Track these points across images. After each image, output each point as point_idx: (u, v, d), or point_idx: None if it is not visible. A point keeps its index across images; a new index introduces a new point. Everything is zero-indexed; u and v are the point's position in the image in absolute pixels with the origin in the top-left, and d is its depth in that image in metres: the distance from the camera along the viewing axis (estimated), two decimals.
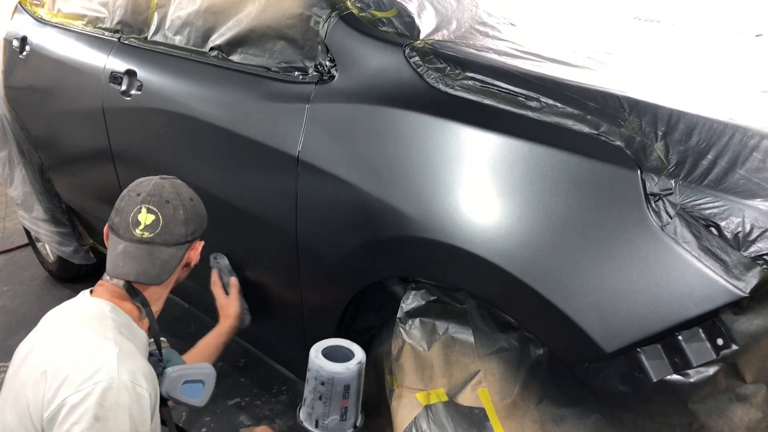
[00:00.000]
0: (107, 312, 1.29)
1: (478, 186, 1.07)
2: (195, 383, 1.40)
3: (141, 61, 1.92)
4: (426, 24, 1.33)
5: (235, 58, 1.61)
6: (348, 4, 1.36)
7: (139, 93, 1.88)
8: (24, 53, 2.59)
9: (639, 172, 0.92)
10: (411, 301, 1.26)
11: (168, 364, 1.42)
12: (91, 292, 1.37)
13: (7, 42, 2.76)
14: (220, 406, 2.19)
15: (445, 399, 1.24)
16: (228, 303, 1.68)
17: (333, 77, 1.35)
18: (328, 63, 1.36)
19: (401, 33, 1.31)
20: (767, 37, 1.59)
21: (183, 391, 1.38)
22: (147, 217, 1.31)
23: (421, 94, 1.18)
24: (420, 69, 1.19)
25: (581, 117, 1.00)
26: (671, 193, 0.89)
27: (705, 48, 1.51)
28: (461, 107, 1.12)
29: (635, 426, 0.96)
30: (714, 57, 1.43)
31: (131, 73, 1.93)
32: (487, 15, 1.46)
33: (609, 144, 0.96)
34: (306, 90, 1.38)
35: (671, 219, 0.88)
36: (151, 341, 1.40)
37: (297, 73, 1.43)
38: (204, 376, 1.41)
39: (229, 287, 1.69)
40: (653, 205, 0.90)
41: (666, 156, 0.91)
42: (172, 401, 1.38)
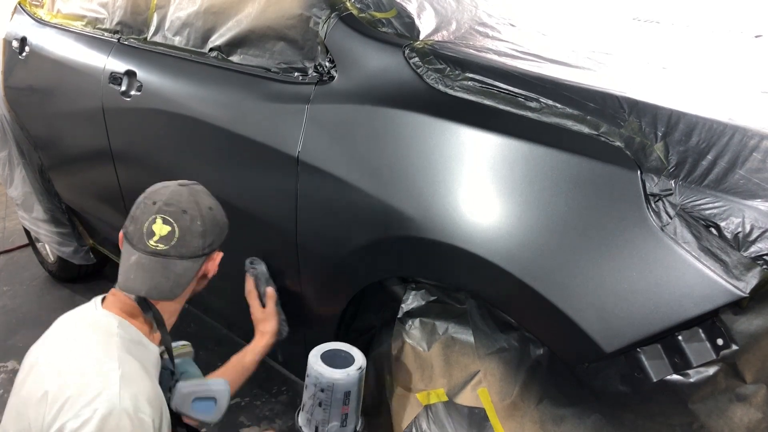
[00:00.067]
0: (114, 329, 1.24)
1: (478, 186, 1.07)
2: (206, 400, 1.34)
3: (141, 62, 1.92)
4: (426, 25, 1.34)
5: (235, 58, 1.61)
6: (348, 4, 1.36)
7: (139, 93, 1.88)
8: (24, 54, 2.59)
9: (639, 172, 0.92)
10: (411, 301, 1.26)
11: (183, 376, 1.37)
12: (104, 299, 1.31)
13: (7, 43, 2.76)
14: None
15: (445, 399, 1.25)
16: (265, 318, 1.54)
17: (333, 78, 1.35)
18: (327, 64, 1.36)
19: (401, 34, 1.31)
20: (767, 38, 1.59)
21: (193, 408, 1.34)
22: (162, 228, 1.24)
23: (421, 94, 1.18)
24: (420, 70, 1.19)
25: (581, 117, 1.00)
26: (671, 194, 0.89)
27: (705, 48, 1.51)
28: (461, 108, 1.13)
29: (635, 426, 0.97)
30: (714, 57, 1.43)
31: (131, 74, 1.93)
32: (487, 16, 1.46)
33: (609, 144, 0.96)
34: (306, 90, 1.38)
35: (671, 219, 0.88)
36: (162, 349, 1.34)
37: (297, 74, 1.43)
38: (216, 393, 1.36)
39: (266, 298, 1.54)
40: (653, 206, 0.90)
41: (666, 156, 0.92)
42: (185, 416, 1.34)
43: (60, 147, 2.50)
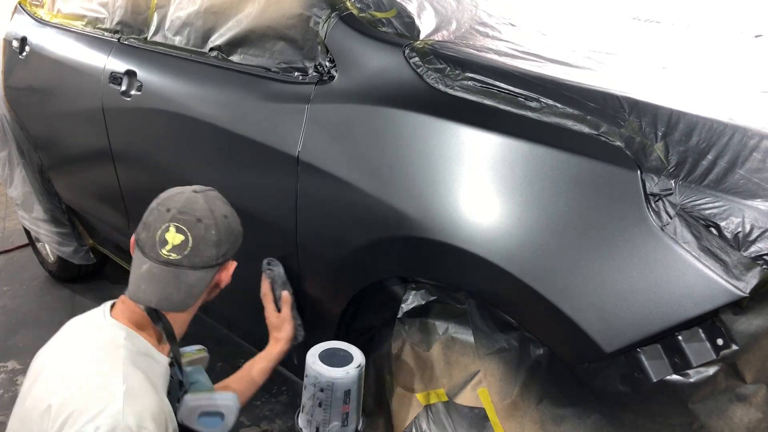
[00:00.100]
0: (121, 340, 1.21)
1: (478, 186, 1.07)
2: (213, 416, 1.31)
3: (141, 62, 1.92)
4: (426, 24, 1.34)
5: (235, 58, 1.61)
6: (348, 4, 1.36)
7: (139, 93, 1.88)
8: (24, 54, 2.59)
9: (639, 172, 0.92)
10: (411, 301, 1.26)
11: (192, 387, 1.34)
12: (113, 305, 1.28)
13: (7, 42, 2.76)
14: None
15: (445, 399, 1.25)
16: (280, 323, 1.49)
17: (333, 78, 1.35)
18: (327, 63, 1.36)
19: (401, 33, 1.31)
20: (767, 38, 1.59)
21: (199, 422, 1.31)
22: (176, 237, 1.19)
23: (421, 94, 1.18)
24: (420, 69, 1.19)
25: (581, 117, 1.00)
26: (671, 194, 0.89)
27: (705, 48, 1.51)
28: (461, 107, 1.12)
29: (635, 426, 0.97)
30: (714, 57, 1.43)
31: (131, 74, 1.93)
32: (487, 15, 1.46)
33: (609, 144, 0.96)
34: (306, 90, 1.38)
35: (671, 219, 0.88)
36: (172, 359, 1.32)
37: (297, 74, 1.43)
38: (224, 408, 1.33)
39: (281, 302, 1.50)
40: (653, 206, 0.90)
41: (666, 156, 0.92)
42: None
43: (60, 147, 2.50)
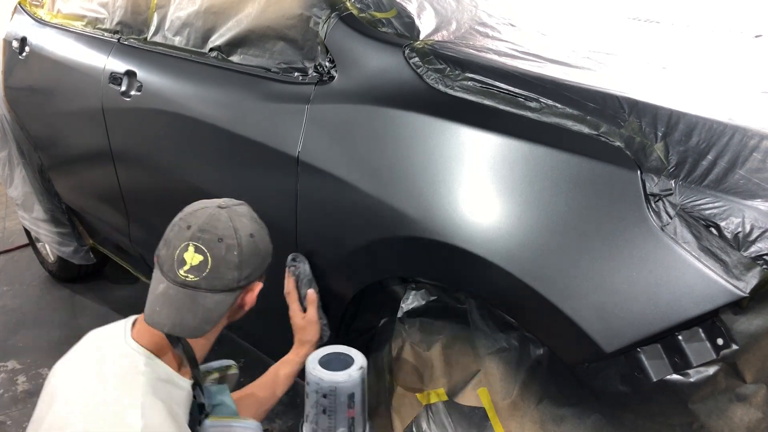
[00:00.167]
0: (141, 366, 1.14)
1: (478, 186, 1.07)
2: None
3: (141, 62, 1.92)
4: (426, 24, 1.34)
5: (235, 58, 1.61)
6: (348, 4, 1.36)
7: (139, 94, 1.88)
8: (24, 54, 2.59)
9: (639, 172, 0.92)
10: (411, 301, 1.26)
11: (214, 410, 1.29)
12: (135, 323, 1.22)
13: (7, 43, 2.76)
14: None
15: (445, 399, 1.25)
16: (305, 325, 1.40)
17: (333, 78, 1.35)
18: (327, 64, 1.36)
19: (401, 34, 1.31)
20: (767, 38, 1.59)
21: None
22: (194, 257, 1.11)
23: (421, 94, 1.18)
24: (420, 69, 1.19)
25: (581, 117, 1.00)
26: (671, 194, 0.89)
27: (705, 48, 1.51)
28: (461, 108, 1.13)
29: (635, 426, 0.97)
30: (714, 57, 1.43)
31: (131, 74, 1.93)
32: (487, 15, 1.46)
33: (609, 144, 0.96)
34: (306, 91, 1.38)
35: (671, 219, 0.88)
36: (194, 382, 1.26)
37: (297, 74, 1.43)
38: None
39: (306, 302, 1.40)
40: (653, 206, 0.90)
41: (666, 156, 0.92)
42: None
43: (60, 147, 2.50)
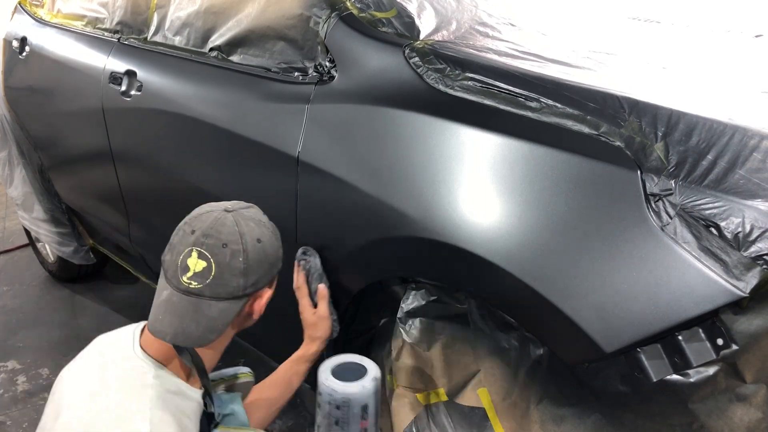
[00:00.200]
0: (149, 379, 1.11)
1: (478, 186, 1.07)
2: None
3: (141, 62, 1.92)
4: (426, 24, 1.34)
5: (235, 58, 1.61)
6: (348, 4, 1.36)
7: (139, 93, 1.88)
8: (24, 54, 2.59)
9: (639, 172, 0.92)
10: (411, 301, 1.26)
11: (224, 420, 1.26)
12: (143, 330, 1.18)
13: (7, 42, 2.76)
14: None
15: (445, 399, 1.24)
16: (316, 321, 1.36)
17: (333, 78, 1.35)
18: (327, 63, 1.36)
19: (401, 33, 1.31)
20: (767, 38, 1.59)
21: None
22: (197, 264, 1.07)
23: (421, 94, 1.18)
24: (420, 69, 1.19)
25: (581, 117, 1.00)
26: (671, 194, 0.89)
27: (705, 48, 1.52)
28: (461, 108, 1.13)
29: (635, 426, 0.97)
30: (714, 57, 1.43)
31: (131, 74, 1.93)
32: (487, 15, 1.46)
33: (609, 144, 0.96)
34: (306, 90, 1.38)
35: (671, 219, 0.88)
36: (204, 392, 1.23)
37: (297, 74, 1.43)
38: None
39: (317, 297, 1.36)
40: (653, 206, 0.90)
41: (666, 156, 0.92)
42: None
43: (60, 147, 2.50)
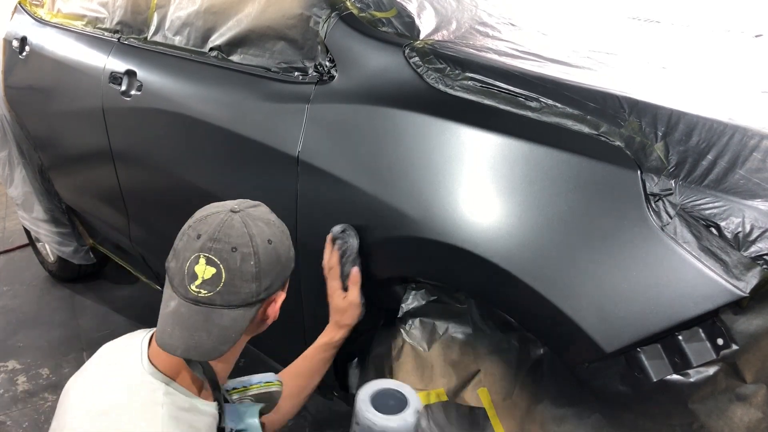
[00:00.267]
0: (160, 397, 1.04)
1: (478, 186, 1.07)
2: None
3: (141, 62, 1.92)
4: (426, 24, 1.34)
5: (235, 58, 1.61)
6: (348, 4, 1.36)
7: (139, 93, 1.88)
8: (24, 53, 2.59)
9: (639, 172, 0.92)
10: (411, 301, 1.26)
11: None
12: (150, 341, 1.12)
13: (7, 42, 2.76)
14: None
15: (445, 399, 1.24)
16: (346, 307, 1.30)
17: (333, 77, 1.35)
18: (327, 63, 1.36)
19: (401, 33, 1.31)
20: (767, 38, 1.59)
21: None
22: (206, 270, 0.99)
23: (421, 94, 1.18)
24: (420, 69, 1.19)
25: (581, 117, 1.00)
26: (671, 194, 0.89)
27: (705, 48, 1.51)
28: (461, 107, 1.12)
29: (635, 426, 0.97)
30: (714, 57, 1.43)
31: (131, 74, 1.93)
32: (487, 15, 1.46)
33: (609, 144, 0.96)
34: (306, 90, 1.38)
35: (671, 219, 0.88)
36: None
37: (297, 74, 1.43)
38: None
39: (349, 281, 1.28)
40: (653, 205, 0.90)
41: (666, 156, 0.92)
42: None
43: (60, 147, 2.50)
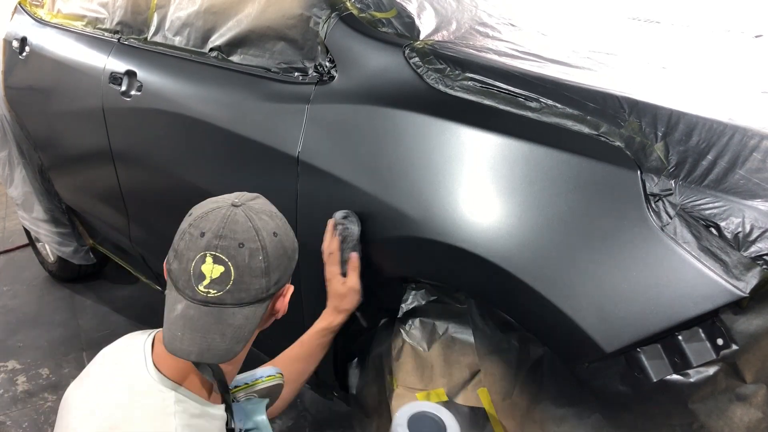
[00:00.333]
0: (170, 406, 1.01)
1: (478, 186, 1.07)
2: None
3: (141, 62, 1.92)
4: (426, 24, 1.34)
5: (235, 58, 1.61)
6: (348, 4, 1.36)
7: (139, 93, 1.88)
8: (24, 54, 2.59)
9: (639, 172, 0.92)
10: (411, 301, 1.26)
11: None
12: (153, 343, 1.08)
13: (7, 42, 2.77)
14: None
15: (445, 399, 1.24)
16: (346, 293, 1.30)
17: (333, 78, 1.35)
18: (327, 63, 1.36)
19: (401, 33, 1.31)
20: (767, 38, 1.59)
21: None
22: (214, 269, 0.96)
23: (421, 94, 1.18)
24: (420, 69, 1.19)
25: (581, 117, 1.00)
26: (671, 194, 0.89)
27: (705, 48, 1.52)
28: (461, 108, 1.13)
29: (635, 426, 0.97)
30: (714, 57, 1.43)
31: (131, 74, 1.93)
32: (487, 15, 1.46)
33: (609, 144, 0.96)
34: (306, 90, 1.38)
35: (671, 219, 0.88)
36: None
37: (297, 74, 1.43)
38: None
39: (348, 266, 1.28)
40: (653, 206, 0.90)
41: (666, 156, 0.92)
42: None
43: (60, 147, 2.50)
